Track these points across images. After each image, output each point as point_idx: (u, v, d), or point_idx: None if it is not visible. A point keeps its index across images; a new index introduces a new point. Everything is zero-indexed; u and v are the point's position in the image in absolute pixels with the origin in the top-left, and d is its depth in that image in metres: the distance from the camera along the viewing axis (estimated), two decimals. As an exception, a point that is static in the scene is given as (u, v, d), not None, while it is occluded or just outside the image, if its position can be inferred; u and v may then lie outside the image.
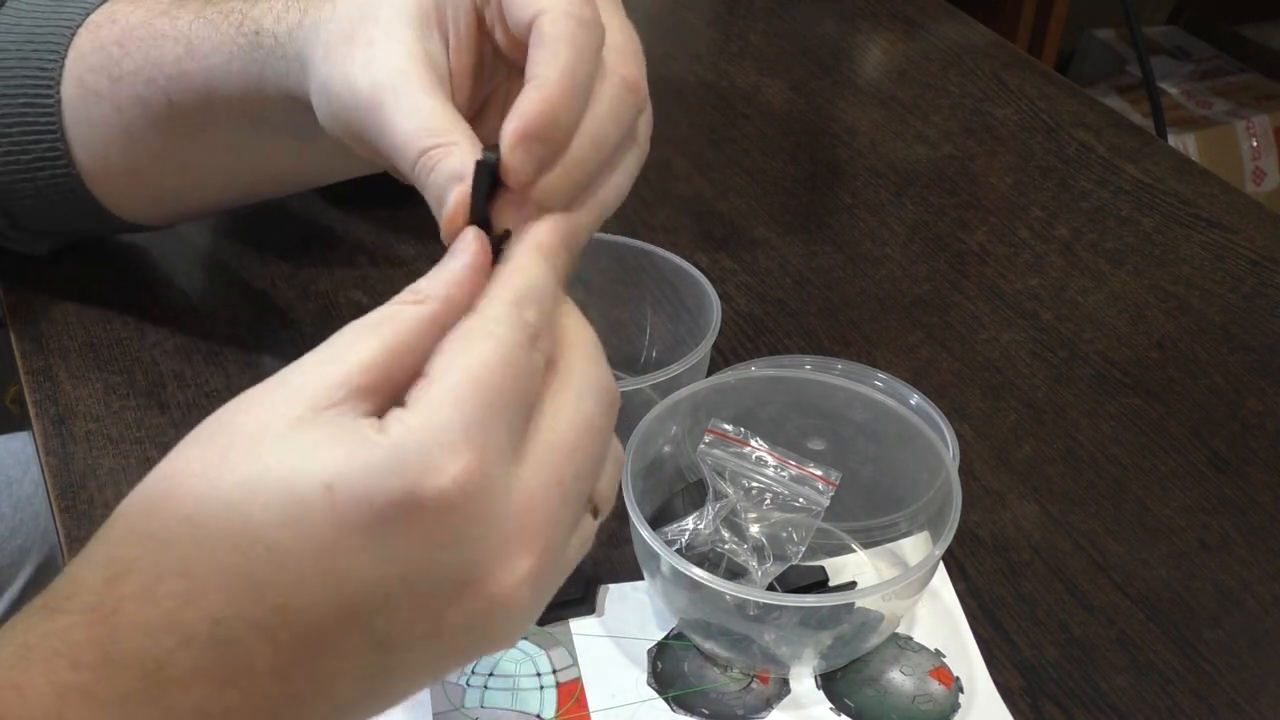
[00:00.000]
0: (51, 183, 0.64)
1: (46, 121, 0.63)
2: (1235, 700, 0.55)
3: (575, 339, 0.41)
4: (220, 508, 0.34)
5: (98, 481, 0.61)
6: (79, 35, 0.62)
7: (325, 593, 0.35)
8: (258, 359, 0.69)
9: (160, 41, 0.59)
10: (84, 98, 0.62)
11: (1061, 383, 0.72)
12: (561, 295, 0.41)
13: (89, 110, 0.62)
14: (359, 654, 0.36)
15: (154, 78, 0.59)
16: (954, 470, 0.56)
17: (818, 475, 0.58)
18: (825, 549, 0.60)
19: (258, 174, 0.64)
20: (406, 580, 0.35)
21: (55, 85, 0.62)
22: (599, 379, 0.40)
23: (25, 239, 0.70)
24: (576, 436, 0.39)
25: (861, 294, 0.77)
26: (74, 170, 0.64)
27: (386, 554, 0.35)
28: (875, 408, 0.60)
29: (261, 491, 0.34)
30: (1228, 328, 0.76)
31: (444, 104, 0.45)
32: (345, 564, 0.35)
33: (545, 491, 0.38)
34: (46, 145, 0.63)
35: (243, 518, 0.34)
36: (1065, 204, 0.86)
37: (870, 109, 0.96)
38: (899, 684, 0.55)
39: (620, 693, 0.54)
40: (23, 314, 0.70)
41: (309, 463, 0.35)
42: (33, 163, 0.64)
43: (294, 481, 0.34)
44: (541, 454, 0.38)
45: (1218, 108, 2.16)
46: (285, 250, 0.76)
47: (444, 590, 0.36)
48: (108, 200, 0.65)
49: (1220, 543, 0.63)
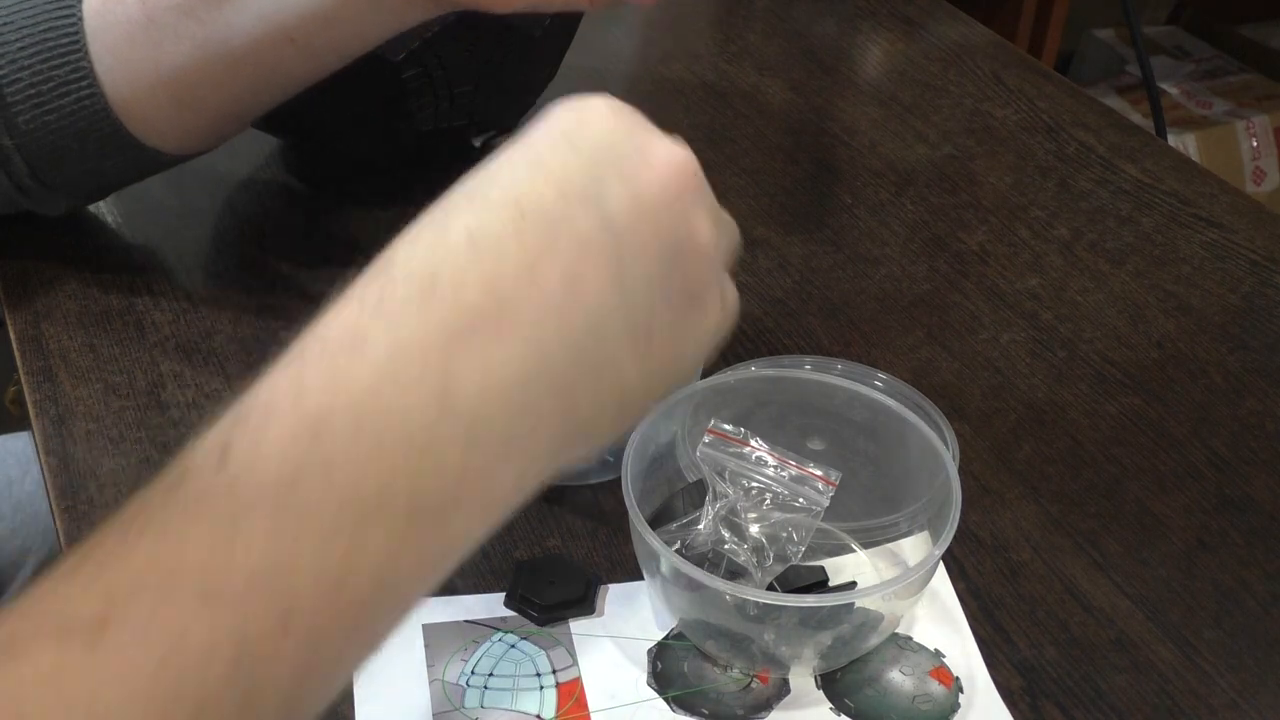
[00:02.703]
0: (76, 109, 0.64)
1: (69, 42, 0.63)
2: (1235, 700, 0.55)
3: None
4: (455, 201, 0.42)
5: (98, 482, 0.61)
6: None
7: (549, 188, 0.42)
8: (258, 359, 0.68)
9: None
10: (107, 2, 0.62)
11: (1061, 383, 0.72)
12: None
13: (113, 14, 0.63)
14: (594, 236, 0.41)
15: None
16: (954, 470, 0.56)
17: (818, 475, 0.58)
18: (825, 549, 0.60)
19: (284, 51, 0.63)
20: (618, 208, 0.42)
21: (77, 2, 0.63)
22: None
23: (45, 195, 0.69)
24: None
25: (861, 294, 0.77)
26: (98, 89, 0.64)
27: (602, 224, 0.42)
28: (875, 408, 0.60)
29: (474, 191, 0.43)
30: (1228, 328, 0.76)
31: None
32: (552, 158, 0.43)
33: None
34: (71, 67, 0.63)
35: (450, 209, 0.42)
36: (1065, 204, 0.86)
37: (870, 109, 0.96)
38: (899, 684, 0.55)
39: (620, 693, 0.54)
40: (23, 314, 0.70)
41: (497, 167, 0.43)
42: (55, 89, 0.64)
43: (482, 181, 0.43)
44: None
45: (1218, 108, 2.16)
46: (285, 250, 0.76)
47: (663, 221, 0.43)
48: (133, 122, 0.65)
49: (1220, 542, 0.63)
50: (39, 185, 0.68)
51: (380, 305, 0.39)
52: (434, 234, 0.41)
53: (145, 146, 0.67)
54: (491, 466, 0.39)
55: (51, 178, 0.68)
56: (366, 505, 0.36)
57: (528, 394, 0.39)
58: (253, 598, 0.34)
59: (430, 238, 0.41)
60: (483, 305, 0.39)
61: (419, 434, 0.37)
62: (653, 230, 0.42)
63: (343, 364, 0.38)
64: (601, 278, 0.41)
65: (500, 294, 0.39)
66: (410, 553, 0.37)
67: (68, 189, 0.70)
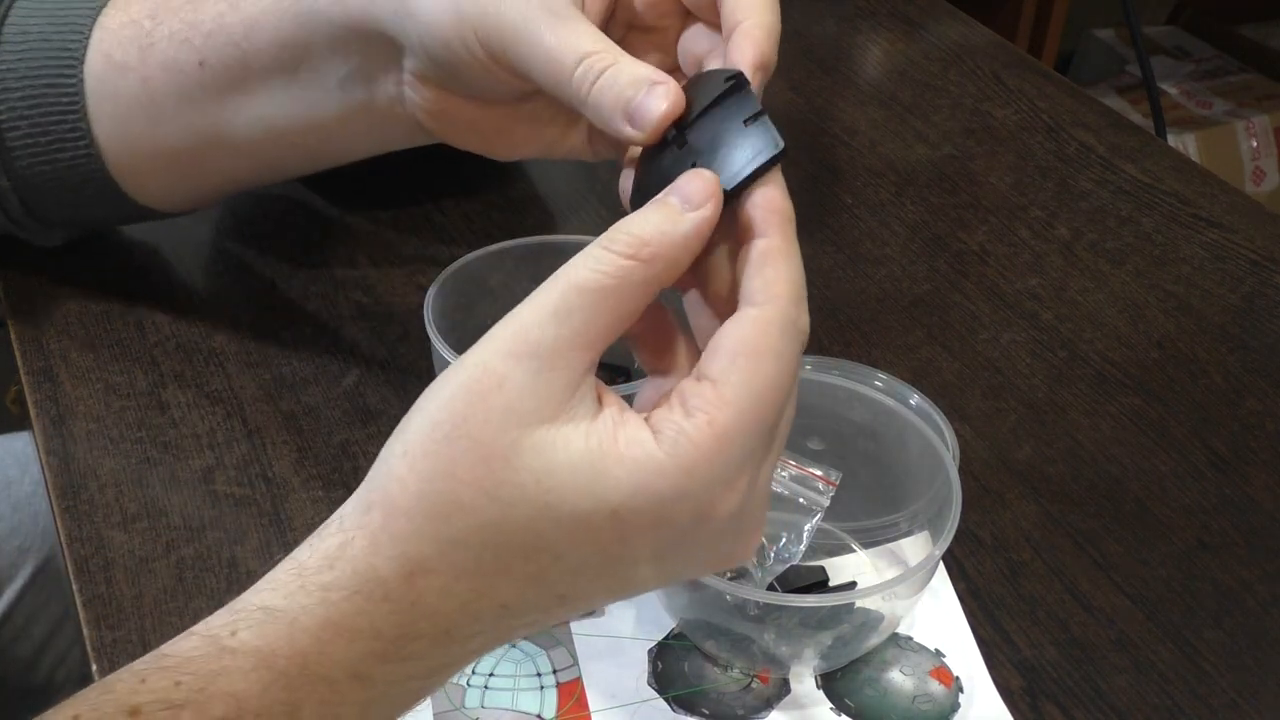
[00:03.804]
0: (72, 165, 0.64)
1: (69, 101, 0.63)
2: (1235, 700, 0.55)
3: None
4: (511, 524, 0.39)
5: (98, 481, 0.61)
6: (106, 14, 0.63)
7: (601, 583, 0.41)
8: (258, 359, 0.69)
9: (202, 4, 0.60)
10: (110, 72, 0.62)
11: (1061, 383, 0.72)
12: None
13: (115, 85, 0.62)
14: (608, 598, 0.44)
15: (189, 38, 0.60)
16: (954, 470, 0.56)
17: (818, 475, 0.58)
18: (825, 549, 0.60)
19: (280, 146, 0.63)
20: (663, 559, 0.41)
21: (79, 64, 0.62)
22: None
23: (39, 229, 0.69)
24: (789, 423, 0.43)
25: (861, 294, 0.77)
26: (95, 151, 0.63)
27: (658, 553, 0.40)
28: (875, 408, 0.60)
29: (551, 513, 0.39)
30: (1228, 328, 0.76)
31: (594, 27, 0.47)
32: (625, 569, 0.41)
33: (771, 468, 0.43)
34: (68, 126, 0.63)
35: (534, 535, 0.39)
36: (1065, 204, 0.86)
37: (870, 109, 0.96)
38: (899, 684, 0.55)
39: (620, 693, 0.54)
40: (23, 314, 0.70)
41: (598, 487, 0.39)
42: (52, 144, 0.63)
43: (583, 509, 0.39)
44: (777, 446, 0.42)
45: (1218, 108, 2.16)
46: (285, 250, 0.76)
47: (691, 558, 0.42)
48: (127, 183, 0.65)
49: (1220, 542, 0.63)
50: (34, 221, 0.68)
51: (384, 657, 0.40)
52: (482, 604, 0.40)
53: (141, 205, 0.67)
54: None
55: (46, 217, 0.68)
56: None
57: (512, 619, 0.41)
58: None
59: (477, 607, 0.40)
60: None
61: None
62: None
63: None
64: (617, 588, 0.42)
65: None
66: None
67: (63, 226, 0.70)
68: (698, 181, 0.41)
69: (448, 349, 0.58)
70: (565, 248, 0.65)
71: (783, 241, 0.41)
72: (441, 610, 0.39)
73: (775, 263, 0.41)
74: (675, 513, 0.39)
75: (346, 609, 0.38)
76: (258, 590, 0.39)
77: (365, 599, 0.38)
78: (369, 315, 0.72)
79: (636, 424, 0.40)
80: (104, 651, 0.53)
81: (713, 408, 0.39)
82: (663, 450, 0.39)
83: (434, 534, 0.39)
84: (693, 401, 0.39)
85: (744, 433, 0.40)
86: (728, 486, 0.40)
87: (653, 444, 0.39)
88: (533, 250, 0.65)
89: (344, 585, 0.38)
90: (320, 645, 0.38)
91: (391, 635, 0.39)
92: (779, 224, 0.42)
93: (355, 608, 0.38)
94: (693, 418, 0.39)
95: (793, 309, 0.41)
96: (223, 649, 0.38)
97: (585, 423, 0.39)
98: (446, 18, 0.50)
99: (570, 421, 0.39)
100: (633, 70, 0.45)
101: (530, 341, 0.39)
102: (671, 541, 0.40)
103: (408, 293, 0.73)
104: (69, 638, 0.84)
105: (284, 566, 0.40)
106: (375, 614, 0.38)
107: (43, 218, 0.68)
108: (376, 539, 0.39)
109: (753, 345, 0.40)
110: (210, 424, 0.64)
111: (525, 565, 0.39)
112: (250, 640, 0.38)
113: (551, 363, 0.39)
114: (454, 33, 0.50)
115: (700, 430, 0.39)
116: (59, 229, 0.70)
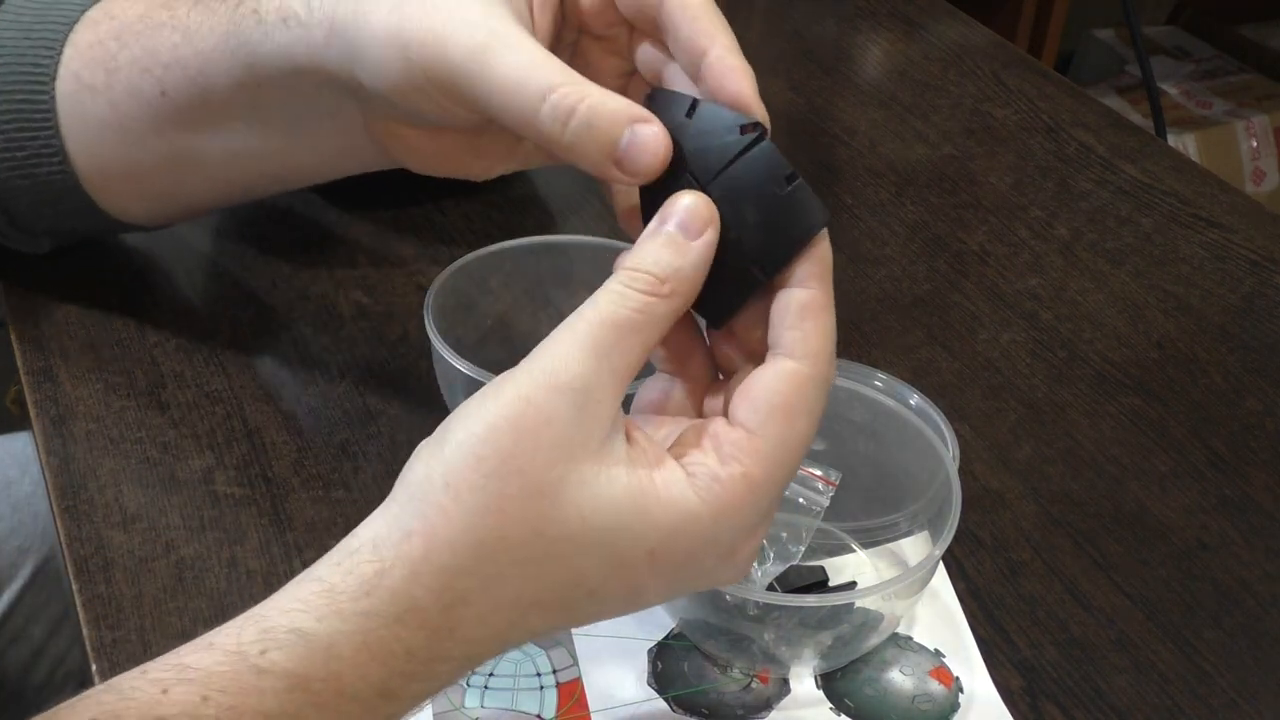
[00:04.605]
0: (48, 180, 0.64)
1: (42, 118, 0.62)
2: (1235, 700, 0.55)
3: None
4: (554, 560, 0.40)
5: (98, 482, 0.61)
6: (77, 31, 0.62)
7: (617, 608, 0.43)
8: (258, 359, 0.69)
9: (158, 31, 0.59)
10: (79, 93, 0.62)
11: (1061, 383, 0.72)
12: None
13: (84, 106, 0.62)
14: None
15: (149, 68, 0.59)
16: (954, 470, 0.56)
17: (818, 475, 0.58)
18: (825, 549, 0.60)
19: (250, 171, 0.63)
20: (673, 588, 0.43)
21: (50, 81, 0.62)
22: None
23: (24, 238, 0.69)
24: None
25: (861, 294, 0.77)
26: (69, 168, 0.63)
27: (672, 584, 0.43)
28: (875, 408, 0.60)
29: (594, 551, 0.40)
30: (1227, 328, 0.76)
31: (547, 51, 0.45)
32: (643, 597, 0.43)
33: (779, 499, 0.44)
34: (41, 142, 0.63)
35: (574, 571, 0.40)
36: (1065, 204, 0.86)
37: (870, 109, 0.96)
38: (899, 684, 0.55)
39: (620, 693, 0.54)
40: (23, 314, 0.70)
41: (639, 526, 0.40)
42: (28, 159, 0.63)
43: (621, 548, 0.40)
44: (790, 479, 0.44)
45: (1218, 108, 2.16)
46: (285, 250, 0.76)
47: (696, 586, 0.45)
48: (102, 199, 0.65)
49: (1220, 542, 0.63)
50: (17, 231, 0.68)
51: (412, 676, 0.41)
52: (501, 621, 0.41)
53: (120, 220, 0.67)
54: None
55: (29, 228, 0.68)
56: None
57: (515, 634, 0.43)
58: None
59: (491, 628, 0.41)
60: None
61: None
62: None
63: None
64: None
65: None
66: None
67: (48, 235, 0.70)
68: (695, 208, 0.42)
69: (448, 349, 0.58)
70: (565, 248, 0.65)
71: (824, 296, 0.43)
72: (474, 637, 0.40)
73: (817, 317, 0.43)
74: (703, 555, 0.42)
75: (384, 635, 0.39)
76: (285, 610, 0.39)
77: (403, 627, 0.39)
78: (369, 315, 0.72)
79: (671, 465, 0.41)
80: (104, 651, 0.53)
81: (748, 459, 0.41)
82: (698, 495, 0.41)
83: (477, 568, 0.39)
84: (727, 450, 0.41)
85: (773, 483, 0.42)
86: (751, 533, 0.43)
87: (688, 487, 0.41)
88: (533, 250, 0.65)
89: (382, 613, 0.39)
90: (356, 669, 0.39)
91: (423, 658, 0.40)
92: (821, 275, 0.43)
93: (393, 635, 0.39)
94: (727, 466, 0.41)
95: (828, 368, 0.43)
96: (253, 668, 0.38)
97: (624, 458, 0.40)
98: (395, 63, 0.47)
99: (611, 456, 0.40)
100: (609, 107, 0.43)
101: (573, 375, 0.39)
102: (690, 576, 0.43)
103: (408, 293, 0.73)
104: (68, 638, 0.84)
105: (310, 587, 0.39)
106: (412, 641, 0.39)
107: (26, 228, 0.68)
108: (417, 570, 0.39)
109: (790, 401, 0.42)
110: (210, 424, 0.64)
111: (560, 598, 0.41)
112: (282, 662, 0.38)
113: (594, 397, 0.40)
114: (403, 77, 0.47)
115: (735, 480, 0.41)
116: (45, 238, 0.70)
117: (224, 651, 0.38)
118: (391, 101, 0.49)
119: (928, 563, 0.54)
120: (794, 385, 0.42)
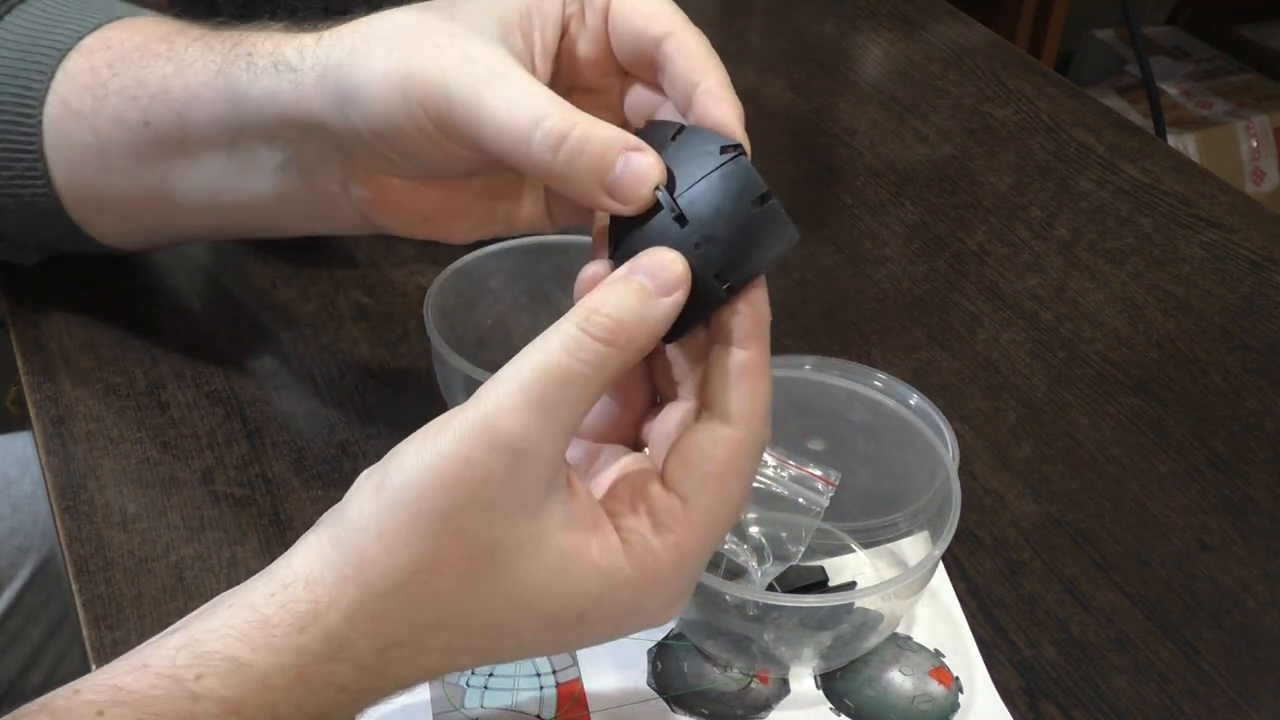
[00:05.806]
0: (32, 201, 0.64)
1: (27, 140, 0.63)
2: (1235, 700, 0.55)
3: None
4: (485, 614, 0.41)
5: (98, 482, 0.61)
6: (70, 57, 0.62)
7: (551, 650, 0.46)
8: (258, 359, 0.69)
9: (153, 61, 0.59)
10: (66, 118, 0.62)
11: (1061, 383, 0.72)
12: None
13: (69, 131, 0.62)
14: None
15: (137, 96, 0.59)
16: (953, 470, 0.56)
17: (818, 475, 0.58)
18: (825, 549, 0.60)
19: (224, 215, 0.62)
20: (605, 638, 0.45)
21: (39, 105, 0.62)
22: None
23: (13, 250, 0.69)
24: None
25: (861, 294, 0.77)
26: (52, 191, 0.63)
27: (604, 637, 0.44)
28: (875, 408, 0.60)
29: (526, 611, 0.41)
30: (1227, 328, 0.76)
31: (543, 85, 0.45)
32: (575, 645, 0.47)
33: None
34: (26, 164, 0.63)
35: (504, 626, 0.41)
36: (1065, 204, 0.86)
37: (870, 109, 0.96)
38: (899, 684, 0.55)
39: (620, 693, 0.54)
40: (23, 314, 0.70)
41: (570, 592, 0.41)
42: (14, 179, 0.64)
43: (551, 608, 0.41)
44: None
45: (1218, 108, 2.16)
46: (285, 250, 0.76)
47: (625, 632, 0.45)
48: (83, 222, 0.65)
49: (1219, 542, 0.63)
50: (7, 245, 0.68)
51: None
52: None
53: (100, 243, 0.67)
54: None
55: (18, 242, 0.69)
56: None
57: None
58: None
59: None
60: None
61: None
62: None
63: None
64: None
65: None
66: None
67: (38, 250, 0.70)
68: (672, 266, 0.41)
69: (448, 349, 0.58)
70: (565, 248, 0.65)
71: (761, 357, 0.43)
72: (407, 674, 0.42)
73: (753, 380, 0.42)
74: (632, 618, 0.43)
75: (318, 670, 0.40)
76: (220, 635, 0.40)
77: (337, 664, 0.40)
78: (369, 315, 0.72)
79: (607, 530, 0.42)
80: (103, 652, 0.53)
81: (680, 529, 0.42)
82: (630, 565, 0.41)
83: (410, 618, 0.40)
84: (662, 519, 0.42)
85: (704, 550, 0.43)
86: (681, 596, 0.44)
87: (622, 556, 0.42)
88: (533, 250, 0.65)
89: (317, 650, 0.40)
90: (290, 700, 0.40)
91: (355, 690, 0.41)
92: (760, 335, 0.43)
93: (327, 670, 0.40)
94: (660, 536, 0.42)
95: (764, 431, 0.43)
96: (189, 694, 0.39)
97: (561, 520, 0.41)
98: (392, 98, 0.47)
99: (548, 514, 0.41)
100: (601, 134, 0.43)
101: (513, 434, 0.39)
102: (618, 632, 0.44)
103: (408, 293, 0.73)
104: (68, 638, 0.84)
105: (244, 615, 0.40)
106: (346, 676, 0.41)
107: (14, 242, 0.68)
108: (353, 616, 0.40)
109: (724, 469, 0.42)
110: (210, 424, 0.64)
111: (490, 645, 0.42)
112: (218, 688, 0.39)
113: (534, 456, 0.40)
114: (402, 112, 0.47)
115: (667, 550, 0.42)
116: (33, 251, 0.70)
117: (158, 675, 0.39)
118: (383, 143, 0.49)
119: (927, 563, 0.54)
120: (729, 452, 0.42)
